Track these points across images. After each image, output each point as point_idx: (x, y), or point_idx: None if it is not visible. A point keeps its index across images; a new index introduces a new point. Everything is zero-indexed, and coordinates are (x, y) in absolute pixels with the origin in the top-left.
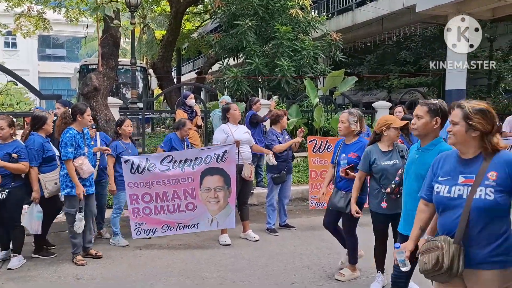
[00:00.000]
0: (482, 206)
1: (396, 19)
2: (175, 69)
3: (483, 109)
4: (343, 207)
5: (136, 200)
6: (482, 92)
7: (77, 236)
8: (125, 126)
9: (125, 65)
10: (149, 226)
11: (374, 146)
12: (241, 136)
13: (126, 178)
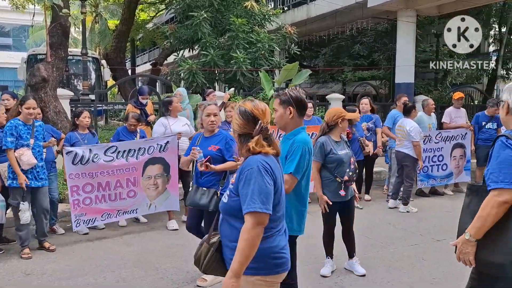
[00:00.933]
0: (222, 208)
1: (349, 14)
2: (129, 60)
3: (242, 110)
4: (206, 205)
5: (77, 192)
6: (430, 86)
7: (22, 228)
8: (83, 117)
9: (76, 56)
10: (89, 216)
11: (327, 137)
12: (180, 129)
13: (67, 169)
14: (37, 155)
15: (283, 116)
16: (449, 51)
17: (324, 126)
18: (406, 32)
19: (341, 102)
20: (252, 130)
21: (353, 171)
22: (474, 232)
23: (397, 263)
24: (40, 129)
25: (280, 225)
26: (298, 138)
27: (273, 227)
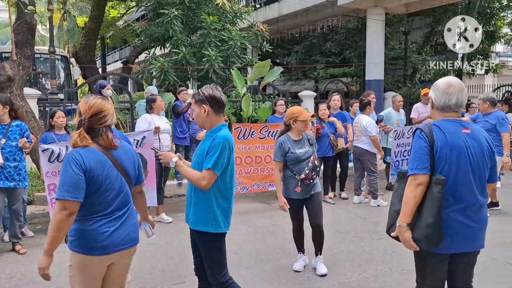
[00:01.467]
0: None
1: (320, 12)
2: (100, 59)
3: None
4: None
5: (54, 190)
6: (400, 82)
7: None
8: (57, 118)
9: (43, 54)
10: None
11: (285, 136)
12: (163, 126)
13: (44, 167)
14: (8, 155)
15: (199, 115)
16: (417, 49)
17: (282, 126)
18: (375, 30)
19: (313, 99)
20: None
21: (310, 169)
22: (402, 217)
23: (367, 255)
24: (17, 129)
25: (106, 211)
26: (219, 134)
27: (94, 212)
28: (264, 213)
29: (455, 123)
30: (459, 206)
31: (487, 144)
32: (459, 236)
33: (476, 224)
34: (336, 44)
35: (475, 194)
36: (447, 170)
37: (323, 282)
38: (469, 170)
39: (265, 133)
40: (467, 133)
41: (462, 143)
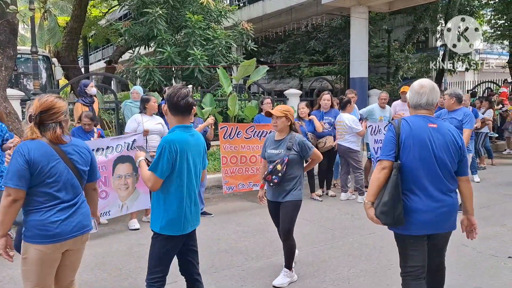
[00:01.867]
0: None
1: (304, 10)
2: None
3: None
4: None
5: None
6: (383, 80)
7: None
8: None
9: (25, 54)
10: None
11: (272, 134)
12: (152, 127)
13: None
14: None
15: (166, 114)
16: (400, 46)
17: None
18: (359, 28)
19: (298, 97)
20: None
21: (269, 170)
22: (367, 196)
23: (356, 251)
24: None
25: (55, 202)
26: (164, 137)
27: (42, 202)
28: (252, 212)
29: (424, 118)
30: (425, 192)
31: (452, 138)
32: (429, 219)
33: (444, 208)
34: (320, 42)
35: (441, 181)
36: (411, 159)
37: (313, 278)
38: (433, 160)
39: (251, 133)
40: (433, 127)
41: (426, 136)
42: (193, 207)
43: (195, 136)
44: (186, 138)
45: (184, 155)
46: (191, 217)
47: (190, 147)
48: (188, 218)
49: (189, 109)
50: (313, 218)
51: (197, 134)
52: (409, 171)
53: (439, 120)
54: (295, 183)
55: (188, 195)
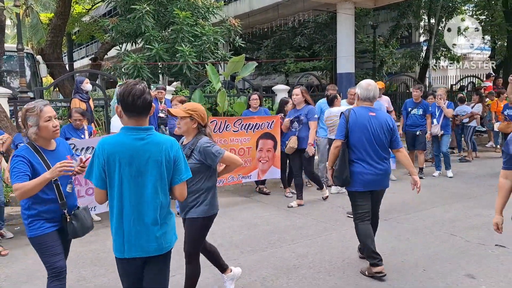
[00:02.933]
0: None
1: (291, 6)
2: (66, 55)
3: None
4: None
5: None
6: (368, 75)
7: None
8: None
9: (8, 51)
10: None
11: (182, 139)
12: None
13: None
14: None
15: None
16: (384, 42)
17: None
18: (345, 24)
19: (286, 93)
20: None
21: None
22: (328, 163)
23: (348, 242)
24: None
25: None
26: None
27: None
28: (245, 206)
29: (366, 109)
30: (366, 161)
31: (386, 122)
32: (369, 180)
33: (380, 171)
34: (306, 38)
35: (377, 153)
36: (356, 138)
37: (309, 269)
38: (371, 138)
39: (239, 126)
40: (372, 115)
41: (367, 122)
42: (141, 227)
43: (148, 140)
44: (123, 141)
45: (115, 161)
46: (138, 239)
47: (129, 152)
48: (130, 239)
49: (147, 109)
50: (305, 211)
51: (153, 139)
52: (355, 147)
53: (377, 110)
54: (198, 196)
55: (132, 211)
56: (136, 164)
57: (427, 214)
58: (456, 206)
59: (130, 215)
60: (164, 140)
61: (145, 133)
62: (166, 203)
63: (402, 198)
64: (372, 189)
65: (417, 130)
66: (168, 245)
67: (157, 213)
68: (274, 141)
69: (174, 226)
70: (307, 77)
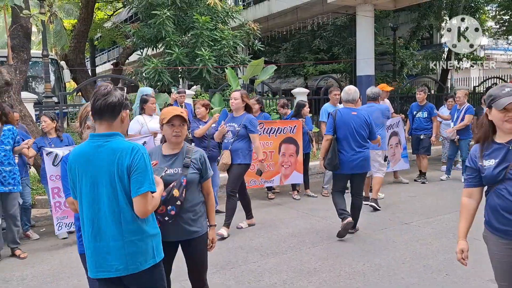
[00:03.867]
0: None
1: (310, 9)
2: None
3: None
4: None
5: (58, 194)
6: (388, 77)
7: None
8: (40, 122)
9: (34, 57)
10: (70, 219)
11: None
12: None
13: (48, 171)
14: (3, 159)
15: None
16: (405, 44)
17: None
18: (365, 26)
19: (306, 96)
20: None
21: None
22: (320, 154)
23: (370, 246)
24: (9, 133)
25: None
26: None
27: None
28: (264, 209)
29: (349, 109)
30: (348, 150)
31: (364, 119)
32: (351, 165)
33: (360, 157)
34: (325, 41)
35: (358, 143)
36: (342, 133)
37: (329, 272)
38: (354, 132)
39: (261, 130)
40: (354, 114)
41: (350, 119)
42: (101, 243)
43: (104, 148)
44: (83, 149)
45: (76, 170)
46: (100, 257)
47: (85, 160)
48: (94, 257)
49: (108, 112)
50: (325, 215)
51: (109, 146)
52: (341, 140)
53: (358, 109)
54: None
55: (92, 225)
56: (91, 173)
57: (449, 218)
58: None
59: (89, 229)
60: (122, 147)
61: (104, 140)
62: (130, 218)
63: (423, 202)
64: (355, 173)
65: (421, 133)
66: (136, 266)
67: (119, 228)
68: (297, 146)
69: (148, 246)
70: (326, 79)
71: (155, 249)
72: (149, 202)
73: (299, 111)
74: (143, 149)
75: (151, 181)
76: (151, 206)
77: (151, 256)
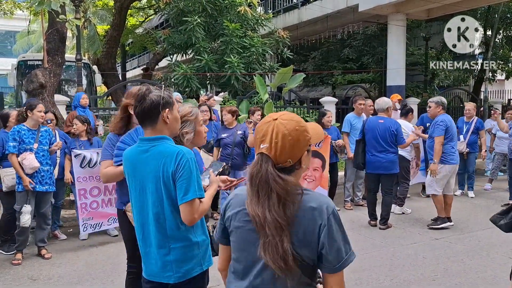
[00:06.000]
0: None
1: (340, 18)
2: (120, 65)
3: None
4: None
5: (84, 195)
6: (419, 88)
7: (21, 232)
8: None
9: (68, 61)
10: (96, 220)
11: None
12: None
13: (76, 172)
14: (41, 159)
15: None
16: (437, 54)
17: None
18: (396, 36)
19: (334, 105)
20: None
21: None
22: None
23: (398, 261)
24: (46, 134)
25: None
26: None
27: None
28: None
29: (378, 117)
30: (375, 152)
31: (390, 127)
32: (374, 165)
33: (384, 160)
34: (354, 50)
35: (382, 147)
36: (368, 137)
37: (355, 286)
38: (378, 137)
39: None
40: (381, 122)
41: (376, 126)
42: (149, 248)
43: (151, 152)
44: (130, 154)
45: (128, 174)
46: (149, 261)
47: (133, 165)
48: (145, 260)
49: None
50: (353, 227)
51: (155, 151)
52: (368, 143)
53: (386, 118)
54: None
55: (141, 230)
56: (139, 178)
57: (483, 235)
58: None
59: (140, 234)
60: (168, 152)
61: (150, 144)
62: (175, 225)
63: (454, 217)
64: (381, 173)
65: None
66: (183, 275)
67: (164, 235)
68: (323, 160)
69: (195, 254)
70: (355, 89)
71: (202, 257)
72: (195, 209)
73: (320, 119)
74: (189, 153)
75: (196, 188)
76: (197, 214)
77: (198, 264)
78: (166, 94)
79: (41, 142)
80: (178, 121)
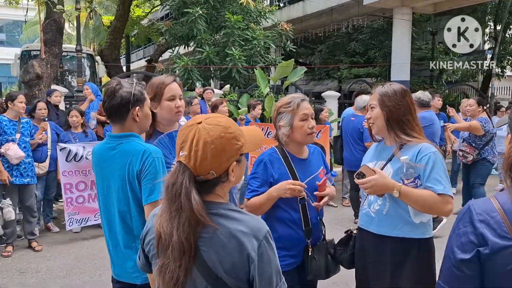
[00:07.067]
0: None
1: (345, 11)
2: (124, 57)
3: None
4: None
5: (70, 189)
6: (425, 83)
7: (7, 225)
8: (70, 116)
9: (70, 52)
10: (82, 215)
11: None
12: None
13: (61, 166)
14: (23, 150)
15: None
16: (445, 49)
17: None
18: (401, 30)
19: (336, 99)
20: None
21: None
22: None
23: None
24: (27, 125)
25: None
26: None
27: None
28: None
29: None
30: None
31: (357, 125)
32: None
33: (353, 158)
34: (361, 44)
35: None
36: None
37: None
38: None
39: None
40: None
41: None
42: (115, 248)
43: (118, 150)
44: (98, 151)
45: (96, 171)
46: (115, 260)
47: (100, 163)
48: (112, 259)
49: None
50: (348, 224)
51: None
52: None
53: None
54: None
55: (108, 229)
56: (105, 176)
57: None
58: None
59: (107, 233)
60: (134, 150)
61: (117, 142)
62: (141, 225)
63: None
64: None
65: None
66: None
67: (130, 234)
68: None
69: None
70: (360, 83)
71: None
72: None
73: (317, 116)
74: (156, 152)
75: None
76: None
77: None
78: (138, 91)
79: (22, 134)
80: (148, 118)
